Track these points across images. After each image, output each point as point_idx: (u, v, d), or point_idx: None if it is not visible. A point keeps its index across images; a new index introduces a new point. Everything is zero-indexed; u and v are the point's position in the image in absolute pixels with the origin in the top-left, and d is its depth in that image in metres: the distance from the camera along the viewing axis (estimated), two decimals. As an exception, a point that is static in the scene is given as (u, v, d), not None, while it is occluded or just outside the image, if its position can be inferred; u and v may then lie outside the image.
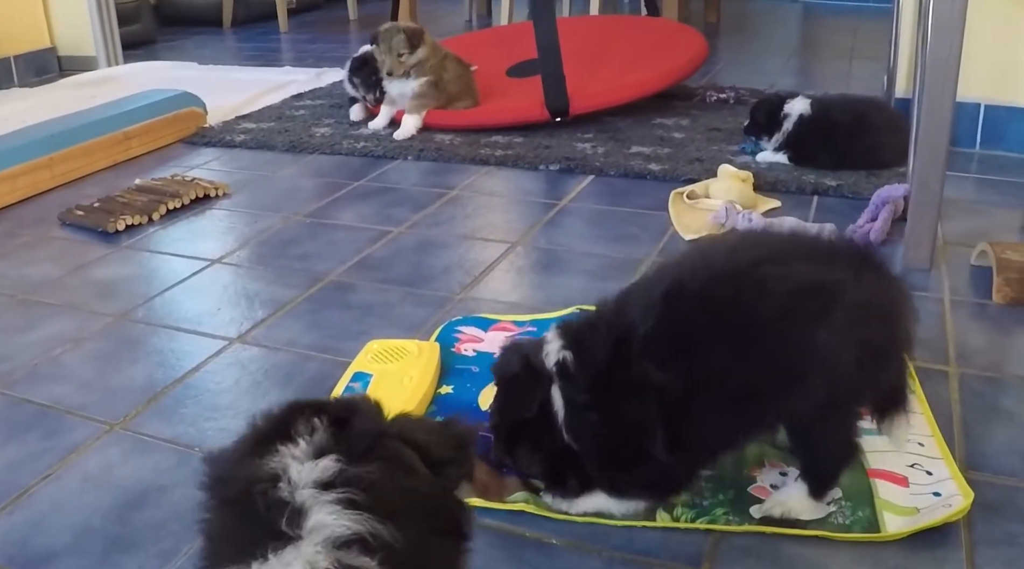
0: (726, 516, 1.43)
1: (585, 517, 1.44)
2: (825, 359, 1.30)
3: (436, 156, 3.25)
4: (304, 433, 0.82)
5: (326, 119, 3.78)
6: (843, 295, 1.31)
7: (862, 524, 1.40)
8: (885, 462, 1.53)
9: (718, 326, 1.31)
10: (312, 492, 0.77)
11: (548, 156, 3.13)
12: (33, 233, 2.71)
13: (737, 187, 2.58)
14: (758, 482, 1.51)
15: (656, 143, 3.25)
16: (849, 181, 2.77)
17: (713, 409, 1.32)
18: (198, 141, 3.60)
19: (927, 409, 1.68)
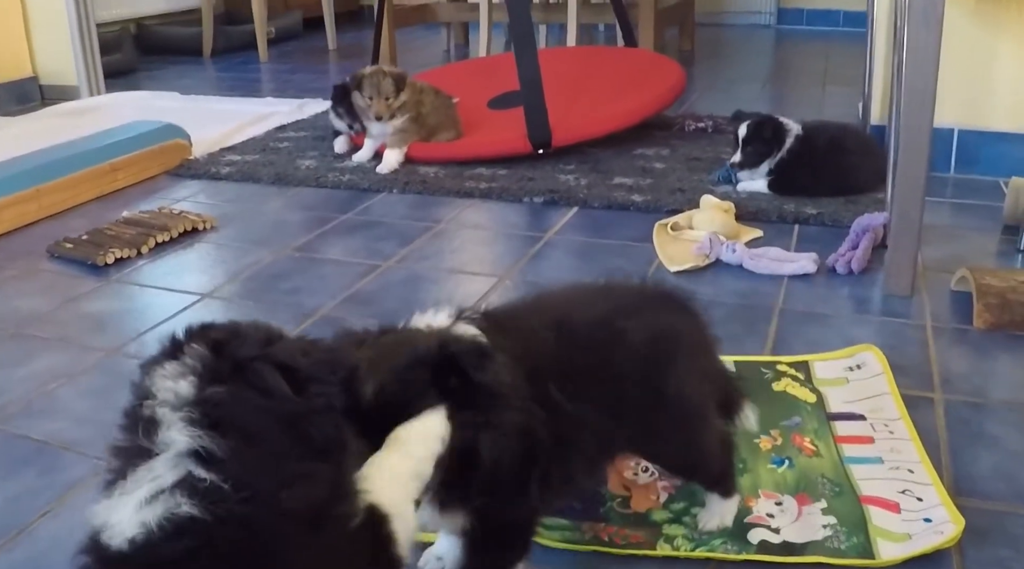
0: (724, 545, 1.46)
1: (588, 548, 1.48)
2: (678, 394, 1.41)
3: (421, 189, 3.28)
4: (185, 355, 0.89)
5: (310, 151, 3.80)
6: (682, 336, 1.46)
7: (857, 550, 1.44)
8: (877, 489, 1.57)
9: (591, 372, 1.35)
10: (166, 410, 0.85)
11: (532, 188, 3.16)
12: (22, 266, 2.72)
13: (720, 218, 2.63)
14: (754, 512, 1.54)
15: (638, 174, 3.30)
16: (829, 209, 2.83)
17: (580, 446, 1.36)
18: (183, 173, 3.61)
19: (915, 435, 1.72)
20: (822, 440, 1.72)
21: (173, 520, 0.81)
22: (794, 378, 1.93)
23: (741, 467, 1.63)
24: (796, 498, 1.57)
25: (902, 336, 2.12)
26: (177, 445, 0.84)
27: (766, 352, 2.06)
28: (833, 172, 2.99)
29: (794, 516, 1.52)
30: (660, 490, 1.61)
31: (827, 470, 1.64)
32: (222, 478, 0.82)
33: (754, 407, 1.62)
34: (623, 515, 1.56)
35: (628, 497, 1.60)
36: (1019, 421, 1.79)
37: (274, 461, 0.86)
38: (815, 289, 2.36)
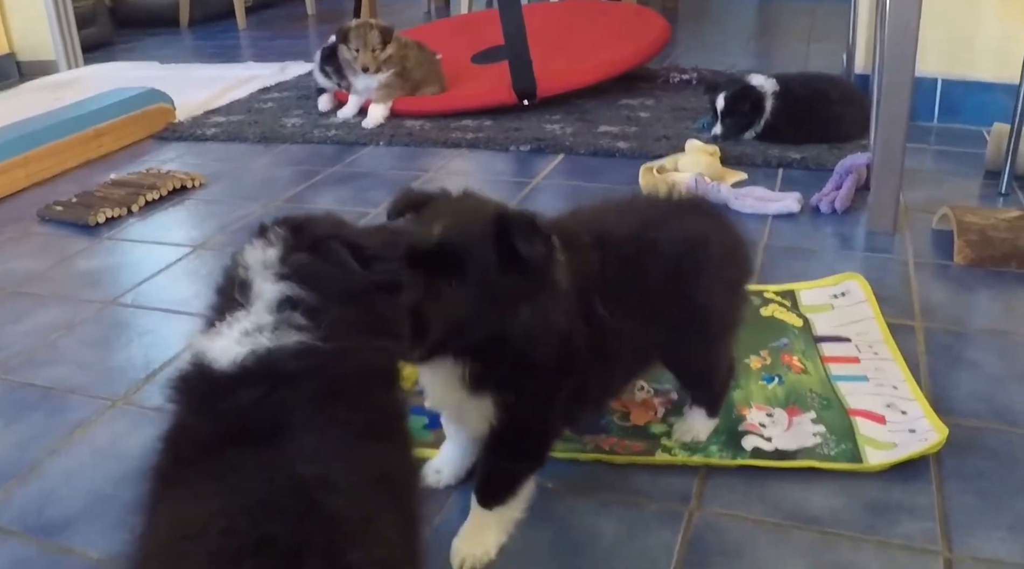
0: (720, 453, 1.53)
1: (589, 457, 1.53)
2: (705, 304, 1.46)
3: (408, 141, 3.31)
4: (270, 234, 1.02)
5: (295, 110, 3.82)
6: (711, 244, 1.47)
7: (846, 455, 1.51)
8: (863, 403, 1.64)
9: (629, 285, 1.39)
10: (258, 270, 0.98)
11: (518, 137, 3.20)
12: (13, 230, 2.73)
13: (705, 161, 2.67)
14: (748, 420, 1.61)
15: (623, 122, 3.34)
16: (812, 154, 2.88)
17: (615, 356, 1.41)
18: (168, 136, 3.62)
19: (899, 356, 1.78)
20: (810, 359, 1.79)
21: (285, 346, 0.93)
22: (781, 304, 2.00)
23: (733, 384, 1.68)
24: (786, 410, 1.63)
25: (885, 270, 2.17)
26: (267, 295, 0.97)
27: (753, 283, 2.10)
28: (817, 123, 3.03)
29: (785, 426, 1.59)
30: (658, 406, 1.67)
31: (815, 386, 1.70)
32: (314, 323, 0.95)
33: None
34: (623, 428, 1.61)
35: (627, 412, 1.66)
36: (997, 348, 1.85)
37: (345, 317, 0.98)
38: (799, 227, 2.41)
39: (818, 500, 1.43)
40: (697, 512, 1.42)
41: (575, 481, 1.50)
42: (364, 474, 0.89)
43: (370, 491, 0.88)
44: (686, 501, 1.44)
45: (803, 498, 1.43)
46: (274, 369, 0.92)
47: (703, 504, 1.43)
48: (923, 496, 1.43)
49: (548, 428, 1.37)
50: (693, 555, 1.33)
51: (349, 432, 0.92)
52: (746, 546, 1.34)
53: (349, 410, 0.93)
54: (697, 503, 1.44)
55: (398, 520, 0.91)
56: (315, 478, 0.85)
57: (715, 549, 1.34)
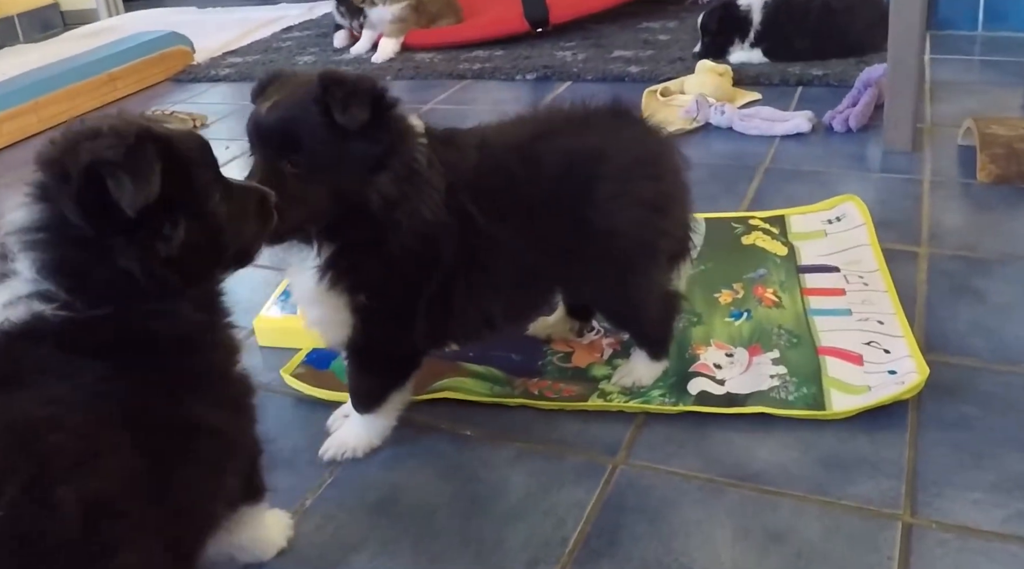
0: (662, 398, 1.36)
1: (515, 402, 1.39)
2: (606, 227, 1.27)
3: (414, 74, 3.17)
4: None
5: (311, 48, 3.71)
6: (609, 158, 1.28)
7: (806, 401, 1.32)
8: (839, 340, 1.45)
9: (508, 195, 1.26)
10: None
11: (526, 66, 3.03)
12: (16, 175, 2.66)
13: (712, 81, 2.46)
14: (701, 360, 1.44)
15: (639, 46, 3.13)
16: (836, 70, 2.64)
17: (491, 269, 1.27)
18: (185, 78, 3.56)
19: (892, 287, 1.58)
20: (787, 292, 1.60)
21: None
22: (766, 232, 1.81)
23: (696, 320, 1.53)
24: (748, 349, 1.45)
25: (895, 191, 1.95)
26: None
27: (741, 209, 1.92)
28: (819, 34, 2.77)
29: (743, 367, 1.42)
30: (605, 347, 1.51)
31: (787, 321, 1.52)
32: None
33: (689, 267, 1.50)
34: (561, 369, 1.46)
35: (570, 352, 1.51)
36: (1009, 275, 1.63)
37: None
38: (808, 148, 2.20)
39: (765, 453, 1.25)
40: (622, 465, 1.26)
41: (495, 428, 1.36)
42: (99, 416, 0.83)
43: (102, 432, 0.82)
44: (612, 453, 1.28)
45: (747, 451, 1.26)
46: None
47: (631, 456, 1.27)
48: (891, 449, 1.24)
49: (405, 341, 1.27)
50: (606, 514, 1.18)
51: (93, 380, 0.85)
52: (668, 505, 1.18)
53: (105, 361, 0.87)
54: (625, 455, 1.28)
55: (137, 462, 0.84)
56: (43, 418, 0.80)
57: (632, 507, 1.18)
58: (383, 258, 1.17)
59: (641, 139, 1.34)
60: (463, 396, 1.40)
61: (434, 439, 1.34)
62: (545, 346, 1.53)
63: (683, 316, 1.49)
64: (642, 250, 1.31)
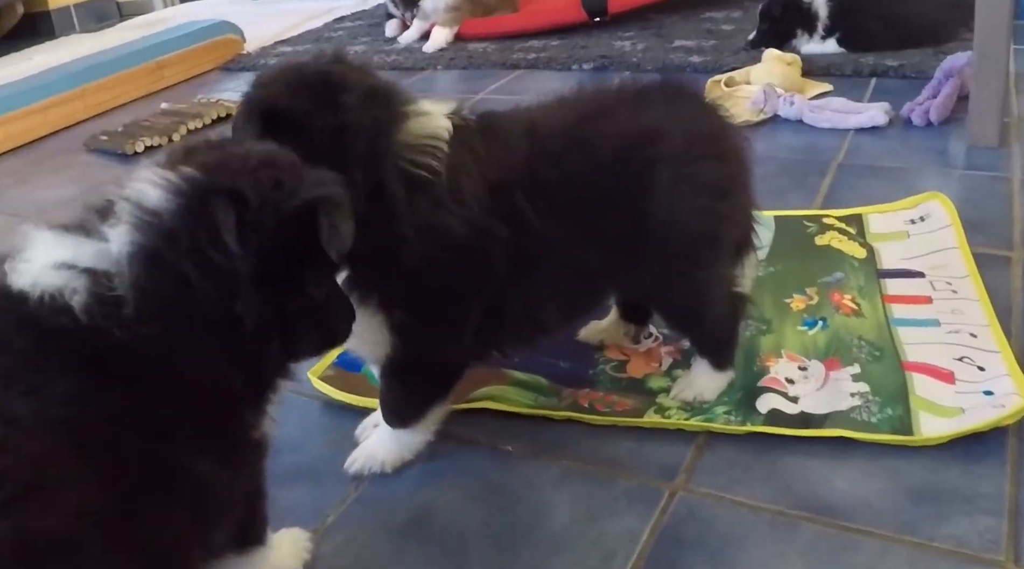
0: (727, 415, 1.22)
1: (562, 415, 1.25)
2: (666, 217, 1.13)
3: (467, 63, 3.06)
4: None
5: (362, 38, 3.63)
6: (662, 140, 1.13)
7: (891, 423, 1.17)
8: (927, 355, 1.29)
9: (559, 186, 1.12)
10: None
11: (583, 56, 2.90)
12: (57, 161, 2.64)
13: (780, 70, 2.31)
14: (771, 373, 1.29)
15: (702, 36, 2.98)
16: (913, 60, 2.46)
17: (545, 272, 1.14)
18: (234, 67, 3.49)
19: (984, 295, 1.42)
20: (866, 298, 1.45)
21: None
22: (842, 232, 1.65)
23: (765, 328, 1.38)
24: (824, 363, 1.30)
25: (982, 190, 1.79)
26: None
27: (814, 207, 1.76)
28: (902, 13, 2.58)
29: (819, 383, 1.26)
30: (664, 355, 1.37)
31: (867, 332, 1.36)
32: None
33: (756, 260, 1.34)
34: (614, 379, 1.33)
35: (625, 361, 1.37)
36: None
37: None
38: (884, 142, 2.03)
39: (844, 483, 1.10)
40: (681, 491, 1.12)
41: (539, 443, 1.22)
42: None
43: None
44: (670, 477, 1.14)
45: (824, 479, 1.11)
46: None
47: (691, 481, 1.14)
48: (989, 482, 1.09)
49: (449, 358, 1.15)
50: (661, 548, 1.04)
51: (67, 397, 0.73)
52: (732, 540, 1.04)
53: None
54: (684, 479, 1.14)
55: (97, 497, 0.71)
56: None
57: (691, 541, 1.04)
58: (406, 272, 1.05)
59: (699, 116, 1.19)
60: (504, 407, 1.27)
61: (471, 454, 1.21)
62: (597, 353, 1.39)
63: (750, 322, 1.36)
64: (705, 239, 1.17)
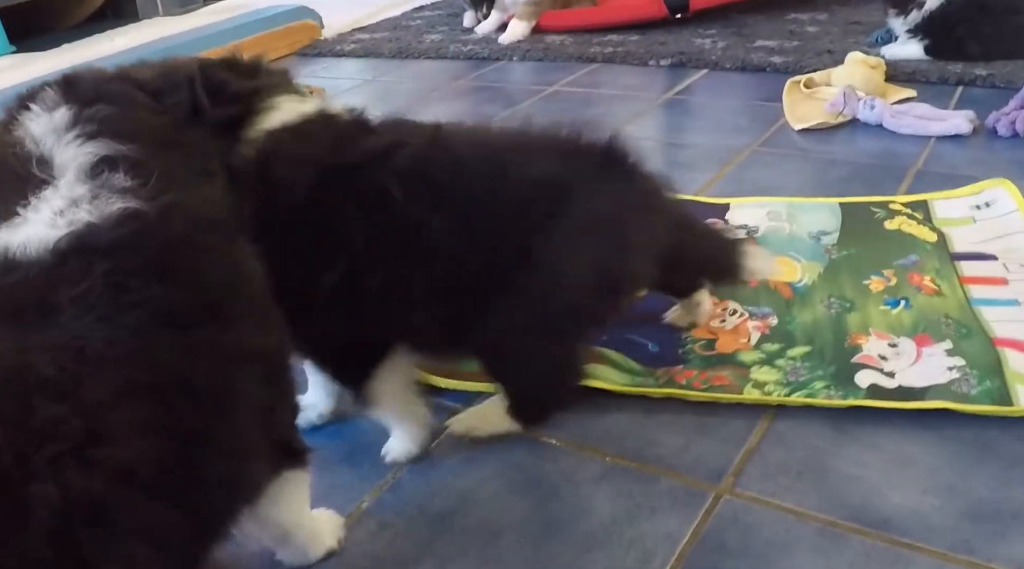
0: (827, 390, 1.20)
1: (661, 392, 1.24)
2: (545, 266, 1.07)
3: (543, 55, 3.01)
4: (39, 101, 0.87)
5: (440, 27, 3.60)
6: (568, 202, 1.08)
7: (991, 395, 1.17)
8: (1014, 331, 1.30)
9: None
10: (53, 137, 0.82)
11: (661, 52, 2.84)
12: None
13: (862, 73, 2.23)
14: (864, 351, 1.28)
15: (784, 37, 2.91)
16: (1004, 71, 2.37)
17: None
18: (310, 52, 3.49)
19: None
20: (945, 280, 1.44)
21: (108, 216, 0.76)
22: (910, 216, 1.64)
23: (848, 307, 1.38)
24: (914, 339, 1.30)
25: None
26: (77, 161, 0.80)
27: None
28: (1008, 33, 2.45)
29: (912, 358, 1.26)
30: (752, 330, 1.36)
31: (952, 310, 1.36)
32: (141, 179, 0.79)
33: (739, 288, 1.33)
34: (705, 358, 1.30)
35: (714, 339, 1.35)
36: None
37: (168, 169, 0.83)
38: (967, 151, 1.95)
39: (899, 497, 1.05)
40: (727, 495, 1.07)
41: (585, 437, 1.18)
42: (120, 382, 0.67)
43: (118, 406, 0.66)
44: (716, 478, 1.10)
45: (877, 492, 1.06)
46: (93, 245, 0.74)
47: (738, 485, 1.09)
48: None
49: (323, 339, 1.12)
50: (701, 553, 1.00)
51: (138, 318, 0.71)
52: (777, 549, 0.99)
53: (161, 286, 0.74)
54: (731, 482, 1.09)
55: (155, 442, 0.67)
56: (47, 378, 0.64)
57: (734, 548, 1.00)
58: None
59: (616, 200, 1.12)
60: (602, 385, 1.25)
61: (512, 445, 1.18)
62: (685, 333, 1.37)
63: (834, 301, 1.39)
64: (565, 308, 1.11)
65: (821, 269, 1.51)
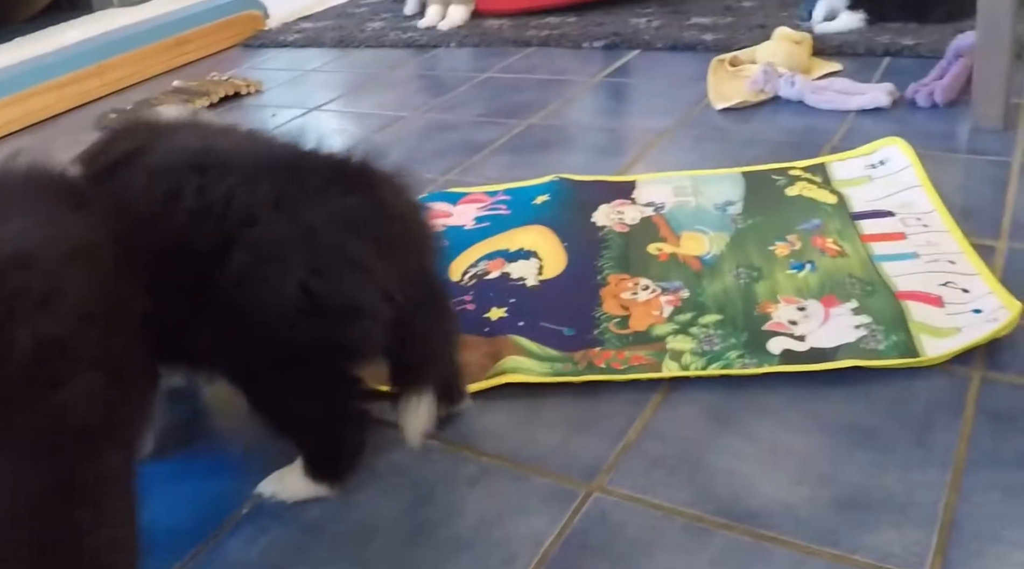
0: (741, 359, 1.22)
1: (583, 379, 1.24)
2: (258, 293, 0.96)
3: (479, 41, 3.00)
4: None
5: (383, 14, 3.58)
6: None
7: (898, 348, 1.20)
8: (914, 283, 1.34)
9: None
10: None
11: (595, 33, 2.82)
12: (66, 140, 2.60)
13: (784, 49, 2.21)
14: (774, 318, 1.30)
15: (719, 13, 2.89)
16: (931, 39, 2.35)
17: None
18: (254, 43, 3.47)
19: (954, 226, 1.49)
20: (847, 240, 1.47)
21: None
22: (810, 181, 1.68)
23: (756, 275, 1.41)
24: (821, 301, 1.32)
25: (979, 175, 1.70)
26: None
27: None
28: None
29: (820, 320, 1.28)
30: (664, 304, 1.37)
31: (855, 269, 1.39)
32: None
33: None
34: (620, 336, 1.31)
35: (627, 316, 1.35)
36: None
37: None
38: (885, 124, 1.93)
39: (769, 488, 1.04)
40: (598, 492, 1.07)
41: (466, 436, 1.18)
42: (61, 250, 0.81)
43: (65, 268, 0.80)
44: (589, 476, 1.09)
45: (749, 484, 1.05)
46: None
47: (610, 481, 1.08)
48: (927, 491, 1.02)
49: None
50: (564, 553, 0.99)
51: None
52: (639, 547, 0.98)
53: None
54: (604, 479, 1.08)
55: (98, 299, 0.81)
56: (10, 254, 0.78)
57: (596, 547, 0.99)
58: None
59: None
60: (524, 378, 1.24)
61: (394, 448, 1.16)
62: (597, 311, 1.38)
63: (741, 271, 1.41)
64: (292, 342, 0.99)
65: (728, 239, 1.53)
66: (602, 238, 1.57)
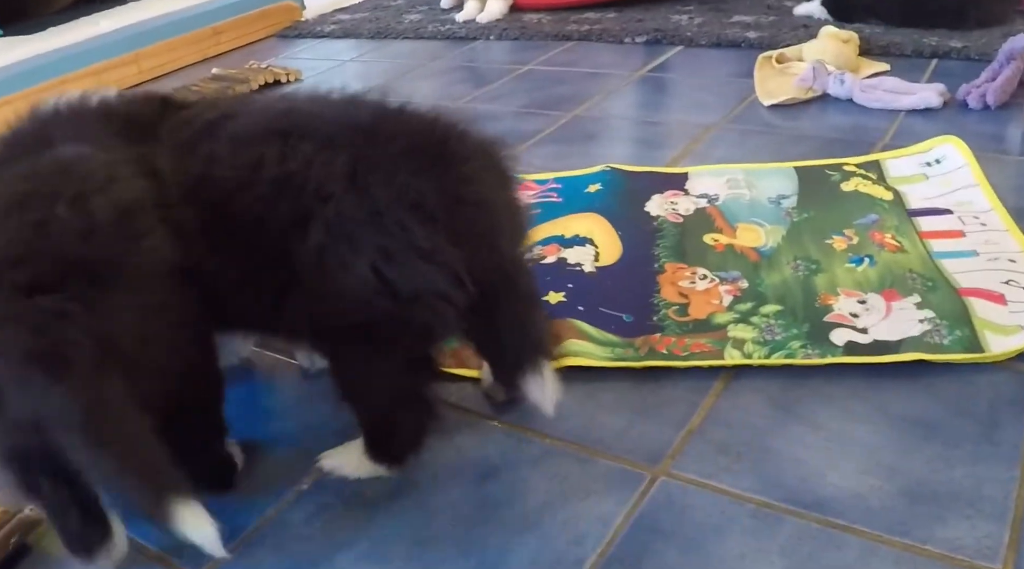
0: (804, 349, 1.21)
1: (644, 364, 1.23)
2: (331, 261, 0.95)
3: (519, 35, 2.99)
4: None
5: (420, 7, 3.58)
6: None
7: (963, 343, 1.20)
8: (976, 281, 1.33)
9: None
10: None
11: (637, 29, 2.81)
12: None
13: (833, 47, 2.20)
14: (835, 310, 1.30)
15: (762, 12, 2.88)
16: (979, 42, 2.34)
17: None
18: (290, 34, 3.47)
19: (1013, 225, 1.48)
20: (905, 236, 1.47)
21: None
22: (865, 177, 1.67)
23: (815, 268, 1.40)
24: (883, 295, 1.32)
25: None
26: None
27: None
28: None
29: (883, 313, 1.28)
30: (723, 294, 1.36)
31: (915, 265, 1.38)
32: None
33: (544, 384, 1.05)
34: (681, 324, 1.31)
35: (686, 304, 1.35)
36: None
37: None
38: (936, 125, 1.92)
39: (837, 478, 1.03)
40: (663, 477, 1.06)
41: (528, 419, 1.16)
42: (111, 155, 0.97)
43: (113, 164, 0.96)
44: (655, 460, 1.09)
45: (816, 473, 1.05)
46: None
47: (676, 466, 1.08)
48: (996, 485, 1.01)
49: None
50: (633, 535, 0.99)
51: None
52: (709, 532, 0.98)
53: None
54: (668, 464, 1.08)
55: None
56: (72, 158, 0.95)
57: (666, 530, 0.99)
58: None
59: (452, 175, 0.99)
60: (586, 362, 1.24)
61: (456, 428, 1.16)
62: (656, 299, 1.37)
63: (799, 263, 1.40)
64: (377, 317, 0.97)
65: (784, 232, 1.52)
66: (656, 228, 1.57)
